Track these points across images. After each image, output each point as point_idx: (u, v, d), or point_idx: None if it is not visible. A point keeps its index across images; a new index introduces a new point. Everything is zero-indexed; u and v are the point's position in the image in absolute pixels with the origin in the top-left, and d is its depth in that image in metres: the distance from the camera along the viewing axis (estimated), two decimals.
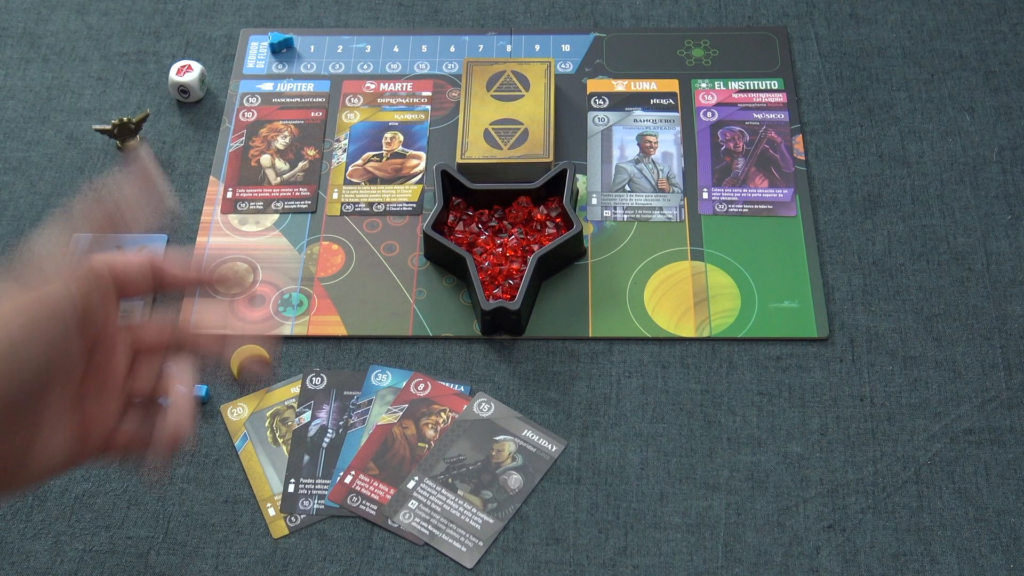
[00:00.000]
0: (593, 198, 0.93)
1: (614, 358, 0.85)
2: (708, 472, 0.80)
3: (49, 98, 1.00)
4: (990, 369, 0.84)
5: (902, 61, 1.00)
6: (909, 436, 0.81)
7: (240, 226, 0.93)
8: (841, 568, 0.76)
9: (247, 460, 0.81)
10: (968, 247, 0.90)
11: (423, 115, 0.98)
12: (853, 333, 0.86)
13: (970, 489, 0.79)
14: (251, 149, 0.97)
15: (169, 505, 0.79)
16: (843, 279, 0.89)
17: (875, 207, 0.92)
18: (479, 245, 0.89)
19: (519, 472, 0.80)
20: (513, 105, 0.95)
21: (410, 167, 0.96)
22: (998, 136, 0.96)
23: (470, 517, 0.78)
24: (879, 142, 0.96)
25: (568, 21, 1.04)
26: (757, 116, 0.97)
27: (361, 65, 1.02)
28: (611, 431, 0.82)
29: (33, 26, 1.05)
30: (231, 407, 0.83)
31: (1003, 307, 0.87)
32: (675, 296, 0.88)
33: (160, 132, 0.98)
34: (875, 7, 1.04)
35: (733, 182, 0.94)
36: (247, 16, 1.05)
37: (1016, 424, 0.82)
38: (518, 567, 0.77)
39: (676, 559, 0.77)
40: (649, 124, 0.97)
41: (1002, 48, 1.01)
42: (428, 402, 0.83)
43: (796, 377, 0.84)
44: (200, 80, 0.99)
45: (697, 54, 1.01)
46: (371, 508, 0.79)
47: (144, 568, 0.77)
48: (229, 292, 0.83)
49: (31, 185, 0.95)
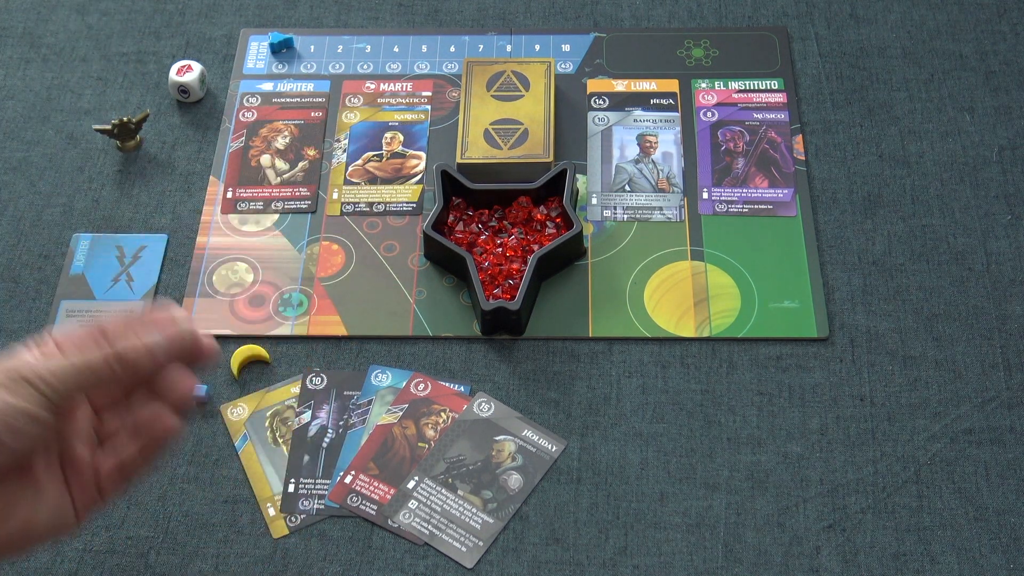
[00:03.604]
0: (593, 198, 0.93)
1: (614, 358, 0.85)
2: (708, 472, 0.80)
3: (49, 98, 1.00)
4: (990, 369, 0.84)
5: (902, 61, 1.00)
6: (909, 436, 0.81)
7: (240, 226, 0.93)
8: (841, 568, 0.76)
9: (247, 460, 0.81)
10: (968, 247, 0.90)
11: (423, 115, 0.98)
12: (853, 333, 0.86)
13: (970, 489, 0.79)
14: (251, 149, 0.97)
15: (169, 505, 0.79)
16: (843, 279, 0.89)
17: (875, 207, 0.92)
18: (479, 245, 0.89)
19: (519, 472, 0.80)
20: (513, 105, 0.95)
21: (410, 167, 0.96)
22: (998, 136, 0.96)
23: (470, 517, 0.78)
24: (879, 142, 0.96)
25: (568, 21, 1.04)
26: (757, 116, 0.97)
27: (361, 65, 1.02)
28: (611, 431, 0.82)
29: (33, 26, 1.05)
30: (231, 407, 0.83)
31: (1003, 307, 0.87)
32: (675, 296, 0.88)
33: (160, 132, 0.98)
34: (875, 7, 1.04)
35: (733, 182, 0.94)
36: (247, 16, 1.05)
37: (1016, 424, 0.82)
38: (518, 567, 0.77)
39: (676, 559, 0.77)
40: (649, 124, 0.97)
41: (1002, 48, 1.01)
42: (428, 402, 0.83)
43: (796, 377, 0.84)
44: (200, 80, 0.99)
45: (697, 54, 1.01)
46: (371, 508, 0.79)
47: (144, 568, 0.77)
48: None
49: (31, 185, 0.95)
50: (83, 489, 0.63)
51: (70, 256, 0.91)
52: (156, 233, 0.92)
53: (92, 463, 0.64)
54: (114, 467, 0.64)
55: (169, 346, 0.62)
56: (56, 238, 0.92)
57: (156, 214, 0.93)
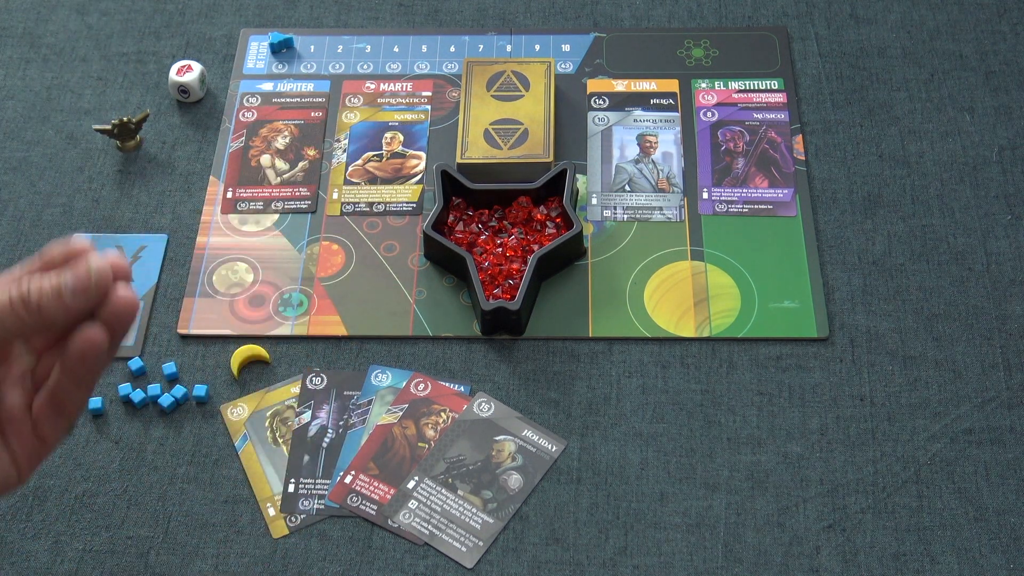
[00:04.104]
0: (593, 198, 0.93)
1: (614, 358, 0.85)
2: (708, 472, 0.80)
3: (49, 98, 1.00)
4: (990, 369, 0.84)
5: (902, 61, 1.00)
6: (909, 436, 0.81)
7: (240, 226, 0.93)
8: (841, 568, 0.76)
9: (247, 460, 0.81)
10: (968, 247, 0.90)
11: (423, 115, 0.98)
12: (853, 333, 0.86)
13: (970, 489, 0.79)
14: (251, 149, 0.97)
15: (169, 505, 0.79)
16: (843, 279, 0.89)
17: (875, 207, 0.92)
18: (479, 245, 0.89)
19: (519, 472, 0.80)
20: (513, 105, 0.95)
21: (410, 167, 0.96)
22: (998, 136, 0.96)
23: (470, 517, 0.78)
24: (879, 142, 0.96)
25: (568, 21, 1.04)
26: (757, 116, 0.97)
27: (361, 65, 1.02)
28: (611, 431, 0.82)
29: (33, 26, 1.05)
30: (231, 407, 0.83)
31: (1003, 307, 0.87)
32: (675, 296, 0.88)
33: (160, 132, 0.98)
34: (875, 7, 1.04)
35: (733, 182, 0.94)
36: (247, 16, 1.05)
37: (1016, 424, 0.82)
38: (518, 567, 0.77)
39: (676, 559, 0.77)
40: (649, 124, 0.97)
41: (1002, 48, 1.01)
42: (428, 402, 0.83)
43: (796, 377, 0.84)
44: (200, 80, 0.99)
45: (697, 54, 1.01)
46: (371, 508, 0.79)
47: (144, 568, 0.77)
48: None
49: (31, 185, 0.95)
50: (22, 439, 0.60)
51: None
52: (156, 233, 0.92)
53: (27, 409, 0.60)
54: (46, 401, 0.60)
55: (75, 285, 0.57)
56: (56, 238, 0.92)
57: (156, 214, 0.93)
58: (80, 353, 0.58)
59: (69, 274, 0.57)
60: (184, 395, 0.83)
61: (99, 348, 0.58)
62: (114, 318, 0.58)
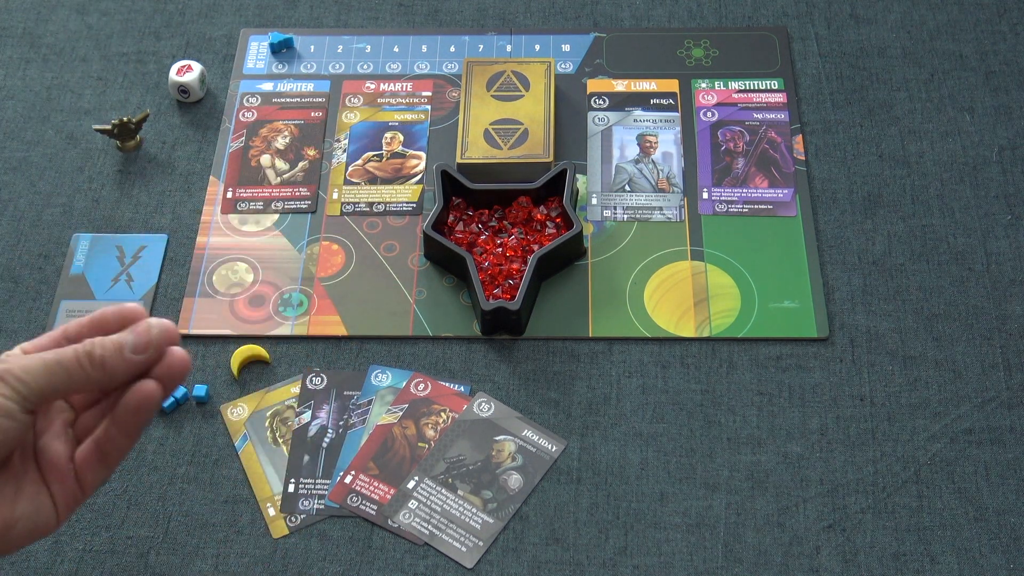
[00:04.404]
0: (593, 198, 0.93)
1: (614, 358, 0.85)
2: (708, 472, 0.80)
3: (49, 98, 1.00)
4: (990, 369, 0.84)
5: (902, 61, 1.00)
6: (909, 436, 0.81)
7: (240, 226, 0.93)
8: (841, 568, 0.76)
9: (247, 460, 0.81)
10: (968, 247, 0.90)
11: (423, 115, 0.98)
12: (853, 333, 0.86)
13: (970, 489, 0.79)
14: (251, 149, 0.97)
15: (169, 505, 0.79)
16: (843, 279, 0.89)
17: (875, 207, 0.92)
18: (479, 245, 0.89)
19: (519, 472, 0.80)
20: (513, 105, 0.95)
21: (410, 167, 0.96)
22: (998, 136, 0.96)
23: (470, 517, 0.78)
24: (879, 142, 0.96)
25: (568, 21, 1.04)
26: (757, 116, 0.97)
27: (361, 65, 1.02)
28: (611, 431, 0.82)
29: (33, 26, 1.05)
30: (231, 407, 0.83)
31: (1003, 307, 0.87)
32: (675, 296, 0.88)
33: (160, 132, 0.98)
34: (875, 7, 1.04)
35: (733, 182, 0.94)
36: (247, 16, 1.05)
37: (1016, 424, 0.82)
38: (518, 567, 0.77)
39: (676, 559, 0.77)
40: (649, 124, 0.97)
41: (1002, 48, 1.01)
42: (428, 402, 0.83)
43: (796, 377, 0.84)
44: (200, 80, 0.99)
45: (697, 54, 1.01)
46: (371, 508, 0.79)
47: (144, 568, 0.77)
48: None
49: (31, 185, 0.95)
50: (63, 486, 0.63)
51: (70, 256, 0.91)
52: (156, 233, 0.92)
53: (71, 459, 0.63)
54: (92, 450, 0.63)
55: (136, 343, 0.61)
56: (56, 238, 0.92)
57: (156, 214, 0.93)
58: (136, 405, 0.62)
59: (130, 334, 0.62)
60: (184, 395, 0.84)
61: (154, 401, 0.62)
62: (169, 374, 0.63)
